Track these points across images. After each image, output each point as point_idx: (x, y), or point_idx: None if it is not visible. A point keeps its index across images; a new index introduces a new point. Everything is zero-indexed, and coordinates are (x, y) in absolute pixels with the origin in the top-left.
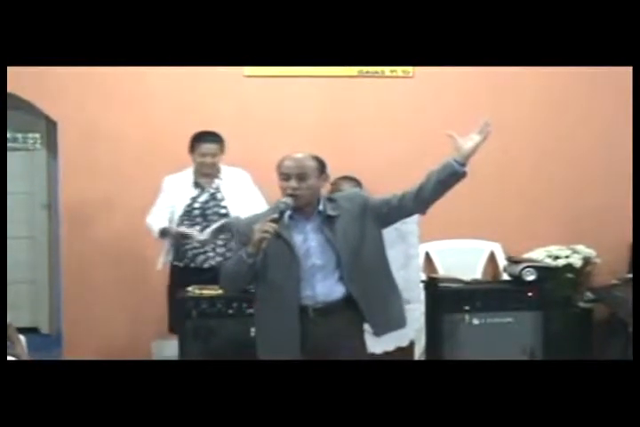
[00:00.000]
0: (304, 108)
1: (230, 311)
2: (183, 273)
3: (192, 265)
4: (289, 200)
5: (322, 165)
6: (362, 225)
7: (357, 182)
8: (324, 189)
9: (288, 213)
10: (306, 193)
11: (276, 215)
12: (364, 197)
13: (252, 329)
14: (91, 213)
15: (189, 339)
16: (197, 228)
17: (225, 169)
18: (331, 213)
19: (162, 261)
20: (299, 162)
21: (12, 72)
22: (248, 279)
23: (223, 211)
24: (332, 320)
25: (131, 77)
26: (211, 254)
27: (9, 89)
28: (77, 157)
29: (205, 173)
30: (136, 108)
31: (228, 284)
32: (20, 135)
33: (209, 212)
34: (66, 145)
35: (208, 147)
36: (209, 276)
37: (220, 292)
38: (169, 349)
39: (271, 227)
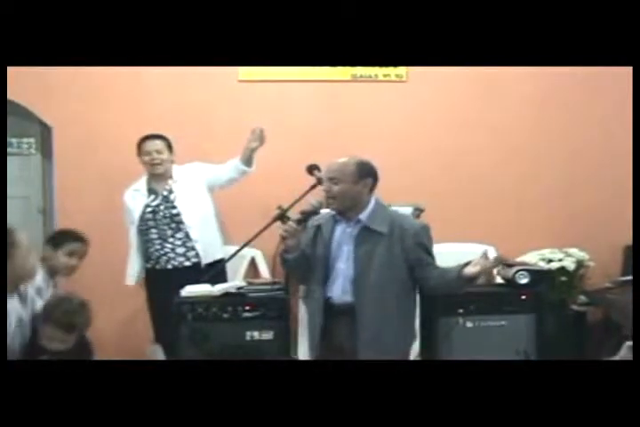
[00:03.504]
0: (297, 112)
1: (225, 315)
2: (154, 276)
3: (157, 267)
4: (316, 203)
5: (363, 171)
6: (395, 257)
7: None
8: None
9: (333, 213)
10: (337, 196)
11: (299, 216)
12: (422, 238)
13: (247, 333)
14: (86, 218)
15: (184, 343)
16: (154, 231)
17: (178, 169)
18: (374, 227)
19: (130, 273)
20: (336, 166)
21: (8, 76)
22: (296, 271)
23: (175, 211)
24: (348, 321)
25: (126, 81)
26: (171, 255)
27: None
28: (72, 162)
29: (157, 175)
30: (131, 111)
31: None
32: (14, 140)
33: (159, 215)
34: (61, 149)
35: (151, 144)
36: (176, 277)
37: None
38: (164, 355)
39: (291, 227)
